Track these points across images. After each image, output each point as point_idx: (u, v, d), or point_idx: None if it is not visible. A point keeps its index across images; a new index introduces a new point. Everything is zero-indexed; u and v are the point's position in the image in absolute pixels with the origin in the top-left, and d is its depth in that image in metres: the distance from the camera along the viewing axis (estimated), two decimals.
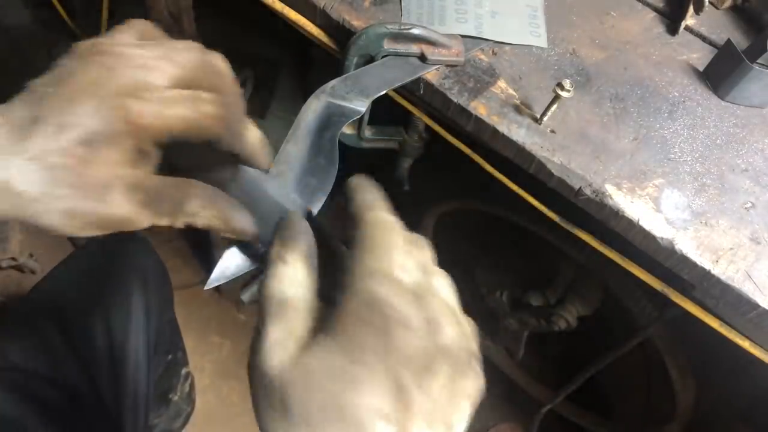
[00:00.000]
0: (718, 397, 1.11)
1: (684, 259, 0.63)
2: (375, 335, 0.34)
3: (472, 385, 0.37)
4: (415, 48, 0.71)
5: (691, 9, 0.82)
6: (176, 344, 1.29)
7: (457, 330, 0.38)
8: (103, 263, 0.98)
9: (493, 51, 0.76)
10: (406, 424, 0.33)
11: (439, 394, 0.35)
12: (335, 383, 0.33)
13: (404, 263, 0.39)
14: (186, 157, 0.46)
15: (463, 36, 0.74)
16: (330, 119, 0.64)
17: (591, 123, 0.71)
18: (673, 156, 0.70)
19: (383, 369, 0.34)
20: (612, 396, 1.47)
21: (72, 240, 1.79)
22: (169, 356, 1.26)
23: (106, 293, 0.93)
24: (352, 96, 0.67)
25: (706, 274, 0.62)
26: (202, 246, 1.78)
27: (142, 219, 0.38)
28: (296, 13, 0.78)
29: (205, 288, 0.53)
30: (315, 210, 0.57)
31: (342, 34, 0.75)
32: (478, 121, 0.70)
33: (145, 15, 0.93)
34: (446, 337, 0.37)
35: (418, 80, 0.72)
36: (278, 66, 1.79)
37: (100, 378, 0.87)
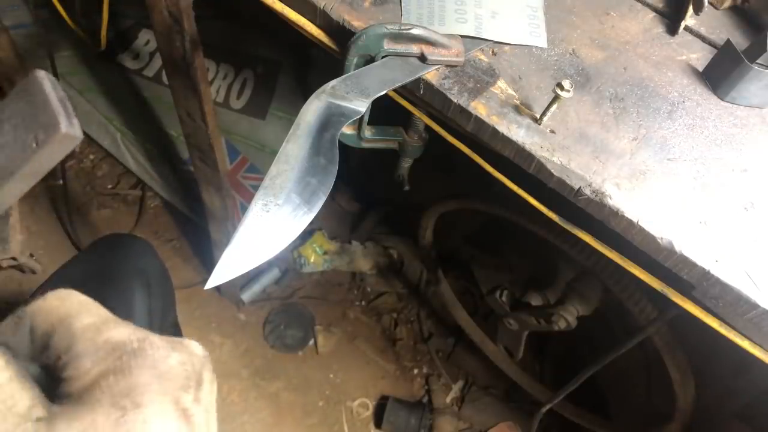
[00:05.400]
0: (717, 397, 1.11)
1: (684, 259, 0.63)
2: (145, 370, 0.34)
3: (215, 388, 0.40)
4: (415, 48, 0.71)
5: (690, 9, 0.82)
6: None
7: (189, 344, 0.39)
8: (106, 266, 0.98)
9: (492, 51, 0.76)
10: None
11: (208, 401, 0.37)
12: None
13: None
14: None
15: (462, 36, 0.74)
16: (330, 119, 0.64)
17: (591, 123, 0.71)
18: (672, 156, 0.70)
19: (165, 399, 0.34)
20: (612, 396, 1.47)
21: (73, 240, 1.79)
22: None
23: (108, 296, 0.93)
24: (352, 96, 0.67)
25: (705, 274, 0.63)
26: (202, 246, 1.79)
27: None
28: (296, 14, 0.78)
29: (206, 288, 0.53)
30: (315, 210, 0.57)
31: (342, 34, 0.75)
32: (478, 121, 0.70)
33: (146, 15, 0.93)
34: (196, 348, 0.38)
35: (418, 80, 0.72)
36: (278, 66, 1.80)
37: None
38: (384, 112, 0.86)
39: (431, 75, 0.72)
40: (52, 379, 0.35)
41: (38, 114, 0.34)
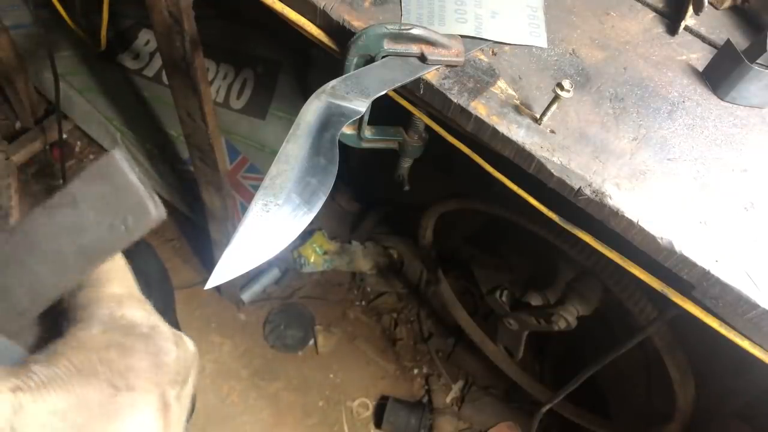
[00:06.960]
0: (717, 397, 1.11)
1: (684, 259, 0.63)
2: (146, 356, 0.34)
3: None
4: (415, 48, 0.71)
5: (690, 9, 0.82)
6: None
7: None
8: None
9: (492, 51, 0.76)
10: None
11: (185, 400, 0.37)
12: (94, 422, 0.32)
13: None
14: None
15: (462, 36, 0.74)
16: (330, 119, 0.64)
17: (591, 123, 0.71)
18: (672, 156, 0.70)
19: (155, 389, 0.34)
20: (612, 396, 1.47)
21: None
22: None
23: None
24: (352, 96, 0.67)
25: (705, 274, 0.63)
26: (202, 246, 1.79)
27: None
28: (296, 14, 0.78)
29: (206, 288, 0.53)
30: (315, 210, 0.57)
31: (342, 34, 0.75)
32: (478, 121, 0.70)
33: (146, 15, 0.93)
34: (191, 345, 0.39)
35: (418, 80, 0.72)
36: (278, 66, 1.80)
37: None
38: (384, 112, 0.86)
39: (431, 75, 0.72)
40: (47, 326, 0.36)
41: (122, 197, 0.34)
